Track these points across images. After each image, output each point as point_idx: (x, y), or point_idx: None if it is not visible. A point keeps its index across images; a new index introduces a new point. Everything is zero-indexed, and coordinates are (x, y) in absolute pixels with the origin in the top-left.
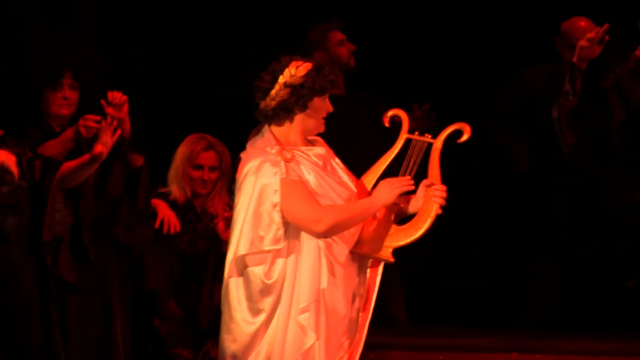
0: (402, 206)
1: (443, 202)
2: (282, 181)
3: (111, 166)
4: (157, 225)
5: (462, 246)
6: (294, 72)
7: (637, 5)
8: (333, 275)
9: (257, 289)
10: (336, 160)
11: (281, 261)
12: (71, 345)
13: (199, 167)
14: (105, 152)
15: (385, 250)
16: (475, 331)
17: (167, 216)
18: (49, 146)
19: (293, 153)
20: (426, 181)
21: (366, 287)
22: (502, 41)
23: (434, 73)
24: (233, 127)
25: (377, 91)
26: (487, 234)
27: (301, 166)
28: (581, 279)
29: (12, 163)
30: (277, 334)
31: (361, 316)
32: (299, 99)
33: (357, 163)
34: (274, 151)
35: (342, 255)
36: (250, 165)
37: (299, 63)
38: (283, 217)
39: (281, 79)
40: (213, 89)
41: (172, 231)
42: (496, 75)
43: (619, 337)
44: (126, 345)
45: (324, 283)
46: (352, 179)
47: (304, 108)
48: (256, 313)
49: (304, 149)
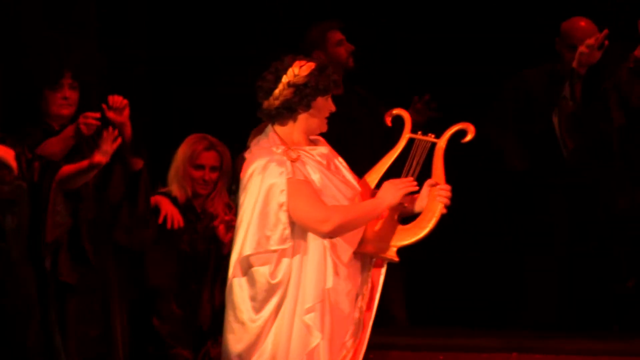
0: (406, 206)
1: (448, 202)
2: (289, 181)
3: (112, 170)
4: (161, 220)
5: (462, 246)
6: (298, 72)
7: (637, 5)
8: (337, 275)
9: (262, 289)
10: (339, 159)
11: (286, 261)
12: (71, 345)
13: (200, 167)
14: (104, 162)
15: (389, 249)
16: (475, 331)
17: (171, 212)
18: (50, 144)
19: (299, 153)
20: (430, 181)
21: (369, 287)
22: (502, 41)
23: (434, 73)
24: (233, 127)
25: (377, 91)
26: (487, 234)
27: (307, 166)
28: (581, 279)
29: (11, 157)
30: (282, 334)
31: (365, 315)
32: (303, 99)
33: (356, 162)
34: (280, 151)
35: (346, 255)
36: (255, 165)
37: (303, 62)
38: (289, 217)
39: (285, 79)
40: (213, 89)
41: (176, 226)
42: (496, 75)
43: (619, 337)
44: (125, 345)
45: (330, 283)
46: (355, 179)
47: (308, 107)
48: (261, 313)
49: (308, 149)
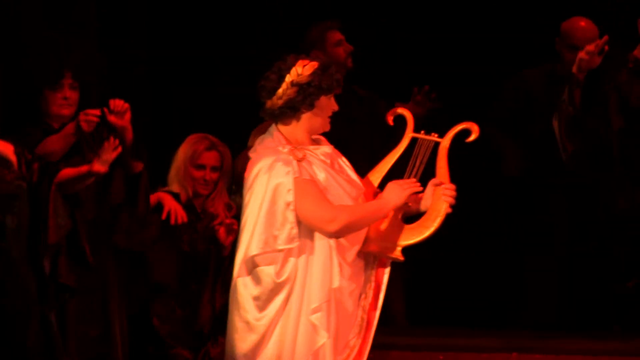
0: (410, 205)
1: (453, 201)
2: (295, 180)
3: (112, 173)
4: (164, 216)
5: (462, 246)
6: (301, 71)
7: (637, 5)
8: (342, 274)
9: (268, 288)
10: (343, 159)
11: (292, 260)
12: (71, 345)
13: (201, 167)
14: (103, 171)
15: (394, 249)
16: (475, 331)
17: (174, 208)
18: (50, 141)
19: (304, 152)
20: (435, 180)
21: (372, 286)
22: (502, 41)
23: (434, 73)
24: (233, 127)
25: (377, 91)
26: (487, 234)
27: (313, 165)
28: (581, 279)
29: (10, 152)
30: (287, 333)
31: (369, 314)
32: (306, 98)
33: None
34: (286, 150)
35: (351, 254)
36: (261, 164)
37: (306, 62)
38: (296, 216)
39: (288, 78)
40: (213, 89)
41: (180, 221)
42: (496, 75)
43: (619, 337)
44: (125, 345)
45: (336, 282)
46: (358, 178)
47: (311, 107)
48: (266, 312)
49: (312, 148)
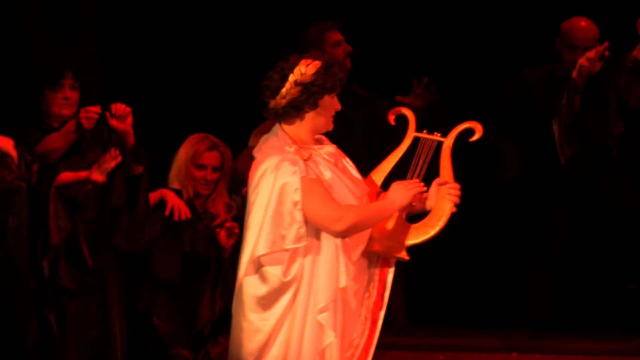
0: (414, 205)
1: (458, 200)
2: (302, 180)
3: (113, 176)
4: (168, 212)
5: (462, 246)
6: (304, 70)
7: (637, 5)
8: (347, 274)
9: (274, 288)
10: (347, 159)
11: (299, 259)
12: (70, 345)
13: (202, 167)
14: (101, 180)
15: (399, 248)
16: (475, 331)
17: (177, 204)
18: (51, 139)
19: (310, 152)
20: (439, 180)
21: (376, 285)
22: (502, 41)
23: (434, 73)
24: (233, 127)
25: (377, 91)
26: (487, 234)
27: (319, 165)
28: (581, 279)
29: (10, 147)
30: (294, 333)
31: (373, 313)
32: (310, 97)
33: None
34: (293, 150)
35: (356, 254)
36: (267, 163)
37: (309, 61)
38: (304, 216)
39: (291, 77)
40: (213, 89)
41: (183, 217)
42: (496, 75)
43: (619, 337)
44: (125, 345)
45: (343, 282)
46: (361, 177)
47: (315, 106)
48: (272, 312)
49: (316, 148)
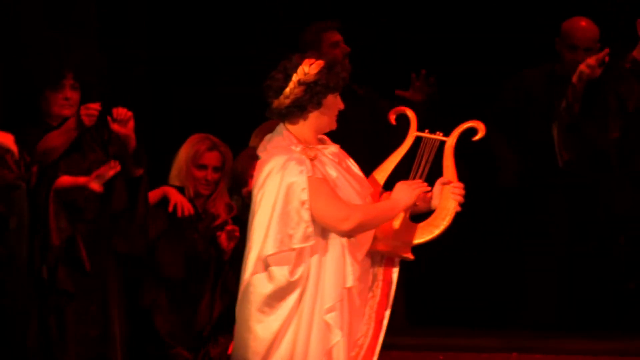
0: (418, 204)
1: (462, 200)
2: (309, 179)
3: (114, 181)
4: (171, 208)
5: (462, 246)
6: (308, 70)
7: (637, 5)
8: (353, 273)
9: (281, 287)
10: (351, 160)
11: (306, 259)
12: (70, 345)
13: (203, 167)
14: (97, 190)
15: (404, 247)
16: (475, 331)
17: (180, 201)
18: (51, 137)
19: (316, 151)
20: (442, 179)
21: (380, 284)
22: (502, 41)
23: (434, 73)
24: (233, 127)
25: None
26: (487, 234)
27: (325, 165)
28: (581, 279)
29: (11, 142)
30: (301, 332)
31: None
32: (313, 97)
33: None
34: (299, 149)
35: (361, 254)
36: (273, 163)
37: (312, 61)
38: (311, 215)
39: (295, 77)
40: (213, 89)
41: (187, 213)
42: (496, 75)
43: (619, 337)
44: (125, 345)
45: (350, 282)
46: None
47: (318, 105)
48: (279, 311)
49: (320, 147)
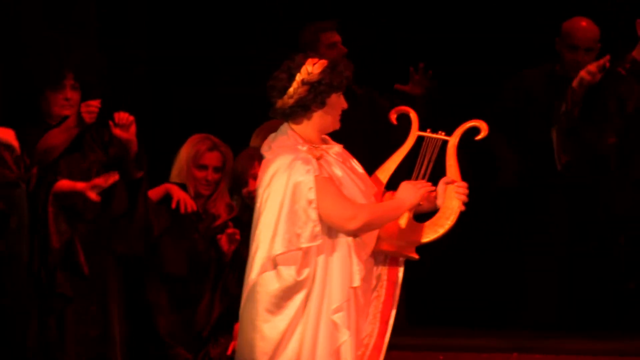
0: (422, 204)
1: (466, 199)
2: (316, 178)
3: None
4: (174, 205)
5: (462, 246)
6: (311, 69)
7: (637, 5)
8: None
9: (288, 286)
10: (354, 160)
11: (312, 258)
12: (70, 346)
13: (203, 167)
14: (96, 200)
15: (408, 247)
16: (475, 331)
17: (183, 197)
18: (52, 135)
19: (322, 151)
20: (446, 178)
21: (384, 284)
22: (502, 41)
23: (434, 73)
24: (233, 127)
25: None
26: (487, 234)
27: (331, 164)
28: (581, 279)
29: (12, 137)
30: (308, 332)
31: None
32: (317, 96)
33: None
34: (305, 149)
35: (365, 254)
36: (280, 162)
37: (315, 60)
38: (318, 214)
39: (298, 77)
40: (213, 89)
41: (190, 210)
42: (496, 75)
43: (619, 337)
44: (125, 345)
45: (357, 281)
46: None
47: (322, 105)
48: (286, 311)
49: (325, 147)
